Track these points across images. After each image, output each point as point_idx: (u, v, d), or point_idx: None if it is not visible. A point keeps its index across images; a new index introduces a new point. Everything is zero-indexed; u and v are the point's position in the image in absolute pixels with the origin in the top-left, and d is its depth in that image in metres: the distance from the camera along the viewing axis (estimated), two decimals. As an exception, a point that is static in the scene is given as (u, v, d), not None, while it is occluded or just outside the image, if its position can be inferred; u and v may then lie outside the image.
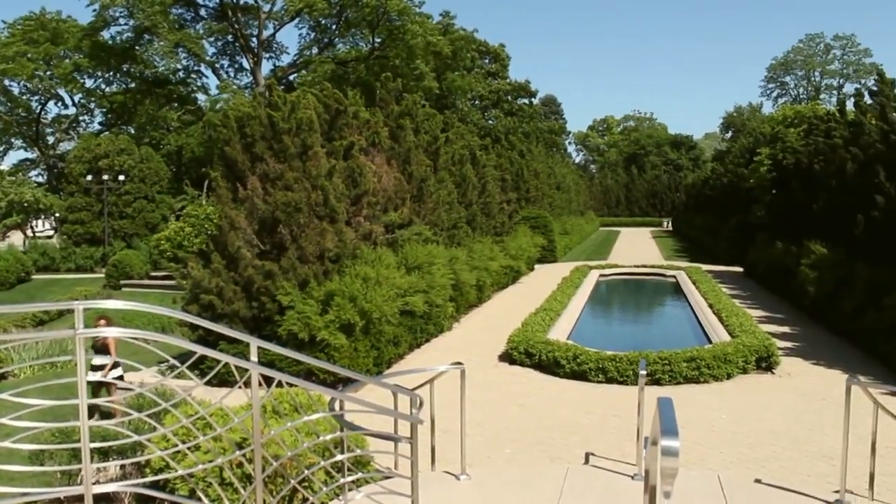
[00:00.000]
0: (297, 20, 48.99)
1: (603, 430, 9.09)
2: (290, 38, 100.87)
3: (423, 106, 22.06)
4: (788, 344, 14.34)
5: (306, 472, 5.51)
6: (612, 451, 8.16)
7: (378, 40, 48.27)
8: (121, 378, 9.51)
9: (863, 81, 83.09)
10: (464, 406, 6.86)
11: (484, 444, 8.59)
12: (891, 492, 6.78)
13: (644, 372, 6.82)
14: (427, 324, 14.42)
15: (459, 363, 6.84)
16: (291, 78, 50.24)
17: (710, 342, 13.72)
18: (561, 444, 8.64)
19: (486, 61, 63.57)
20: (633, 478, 6.66)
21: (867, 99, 19.24)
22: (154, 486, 5.53)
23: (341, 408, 5.68)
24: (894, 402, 8.93)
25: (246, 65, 49.82)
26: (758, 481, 7.00)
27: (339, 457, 5.69)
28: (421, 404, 5.69)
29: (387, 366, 12.50)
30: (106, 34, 46.77)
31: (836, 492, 6.31)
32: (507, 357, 13.01)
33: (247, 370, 4.72)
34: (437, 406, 6.77)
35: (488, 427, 9.22)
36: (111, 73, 49.89)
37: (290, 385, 5.08)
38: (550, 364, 12.05)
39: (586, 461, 7.84)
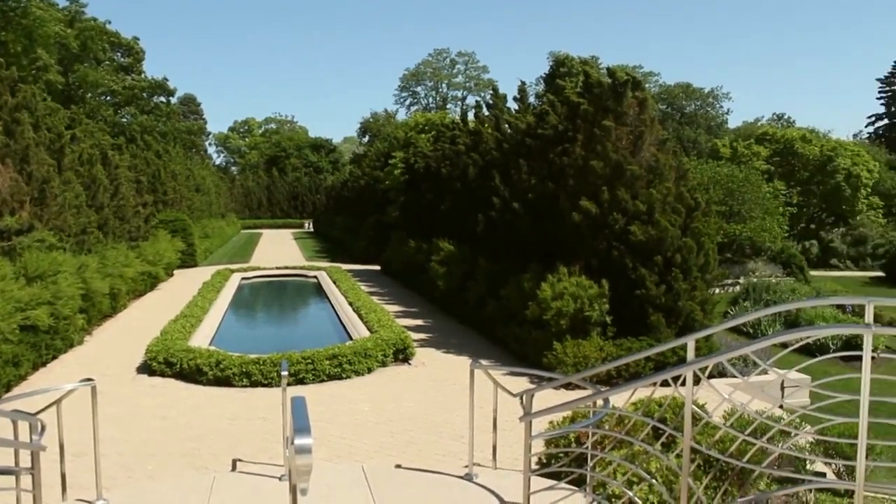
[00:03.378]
0: None
1: (250, 435, 9.03)
2: None
3: (45, 99, 20.16)
4: (423, 335, 15.41)
5: None
6: (259, 454, 8.15)
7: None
8: None
9: (482, 94, 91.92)
10: (97, 425, 6.40)
11: (123, 463, 8.08)
12: (509, 459, 7.59)
13: (286, 373, 6.90)
14: (54, 339, 13.17)
15: (90, 379, 6.36)
16: None
17: (351, 339, 14.28)
18: (207, 452, 8.43)
19: (119, 55, 59.47)
20: (280, 479, 6.72)
21: (485, 111, 21.36)
22: None
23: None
24: (511, 381, 10.07)
25: None
26: (398, 466, 7.47)
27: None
28: (43, 429, 5.22)
29: (6, 390, 11.18)
30: None
31: (466, 466, 6.93)
32: (147, 368, 12.35)
33: None
34: (67, 428, 6.23)
35: (127, 445, 8.68)
36: None
37: None
38: (193, 372, 11.68)
39: (233, 468, 7.74)
